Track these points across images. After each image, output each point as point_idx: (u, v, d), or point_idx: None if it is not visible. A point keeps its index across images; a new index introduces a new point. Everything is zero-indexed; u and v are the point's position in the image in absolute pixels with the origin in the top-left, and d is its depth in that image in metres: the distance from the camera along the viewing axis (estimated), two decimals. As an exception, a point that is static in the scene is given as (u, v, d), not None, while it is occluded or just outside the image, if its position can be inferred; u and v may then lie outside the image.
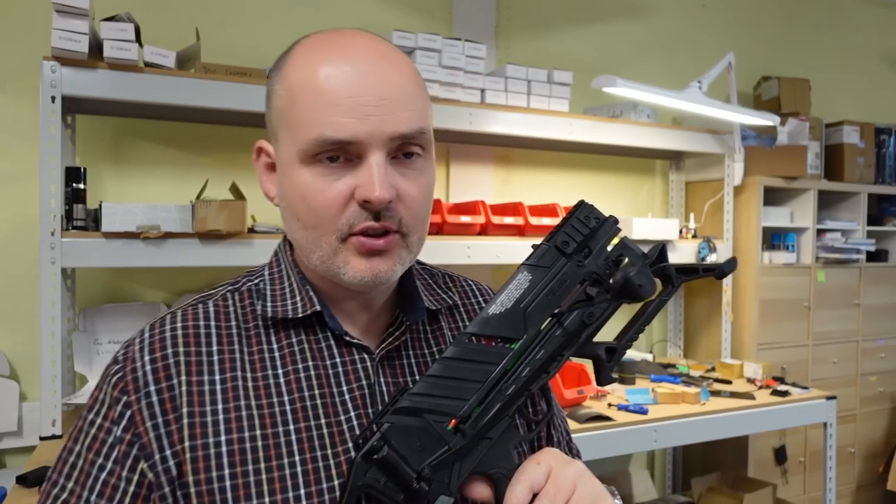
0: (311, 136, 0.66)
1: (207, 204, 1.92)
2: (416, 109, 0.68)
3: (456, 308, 0.84)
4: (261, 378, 0.70)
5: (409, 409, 0.64)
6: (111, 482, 0.65)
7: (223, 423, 0.67)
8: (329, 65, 0.67)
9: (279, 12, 2.45)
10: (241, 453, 0.66)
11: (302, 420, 0.68)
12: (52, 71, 1.78)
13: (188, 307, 0.74)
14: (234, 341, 0.71)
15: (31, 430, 2.04)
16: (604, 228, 0.71)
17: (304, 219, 0.69)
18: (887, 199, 3.74)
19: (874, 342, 3.54)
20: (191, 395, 0.67)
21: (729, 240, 3.05)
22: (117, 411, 0.67)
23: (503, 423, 0.67)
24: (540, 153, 2.93)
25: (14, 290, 2.09)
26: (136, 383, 0.67)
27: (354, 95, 0.65)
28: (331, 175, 0.67)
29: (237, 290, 0.77)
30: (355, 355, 0.73)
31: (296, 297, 0.74)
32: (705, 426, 2.33)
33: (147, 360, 0.68)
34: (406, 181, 0.69)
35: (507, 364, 0.67)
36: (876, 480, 3.57)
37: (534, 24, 2.98)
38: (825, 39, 3.89)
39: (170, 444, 0.65)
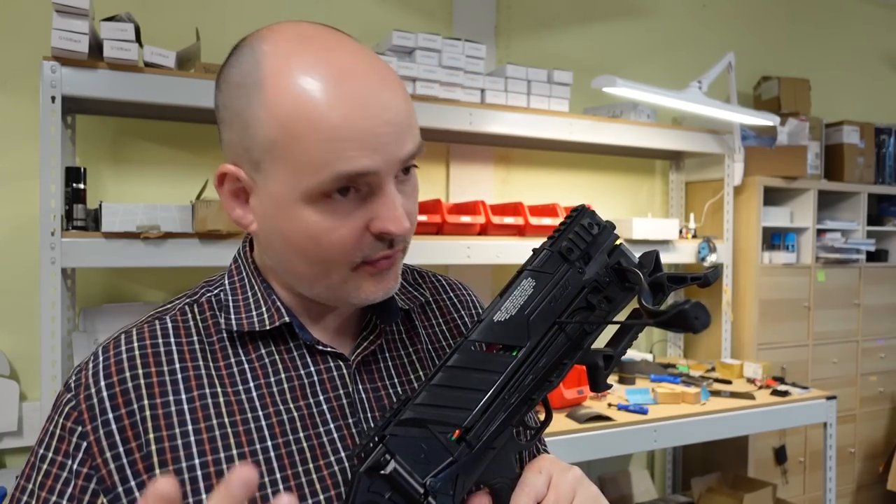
0: (326, 176, 0.60)
1: (207, 204, 1.92)
2: (415, 127, 0.65)
3: (428, 305, 0.81)
4: (231, 393, 0.65)
5: (413, 419, 0.61)
6: None
7: (195, 445, 0.62)
8: (329, 88, 0.60)
9: (279, 12, 2.45)
10: (217, 475, 0.61)
11: (280, 435, 0.64)
12: (52, 71, 1.78)
13: (143, 324, 0.68)
14: (197, 357, 0.66)
15: (31, 430, 2.04)
16: (603, 235, 0.70)
17: (312, 256, 0.64)
18: (887, 199, 3.74)
19: (874, 342, 3.55)
20: (156, 420, 0.62)
21: (729, 240, 3.05)
22: (72, 443, 0.62)
23: (507, 433, 0.65)
24: (540, 153, 2.93)
25: (14, 290, 2.09)
26: (92, 411, 0.62)
27: (367, 127, 0.60)
28: (341, 210, 0.62)
29: (196, 302, 0.71)
30: (330, 363, 0.69)
31: (261, 307, 0.69)
32: (705, 426, 2.33)
33: (103, 386, 0.63)
34: (406, 199, 0.65)
35: (511, 372, 0.65)
36: (876, 480, 3.57)
37: (534, 24, 2.98)
38: (825, 39, 3.90)
39: (134, 475, 0.60)
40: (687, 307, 0.60)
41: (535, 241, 2.47)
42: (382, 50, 2.27)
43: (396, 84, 0.64)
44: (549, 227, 2.51)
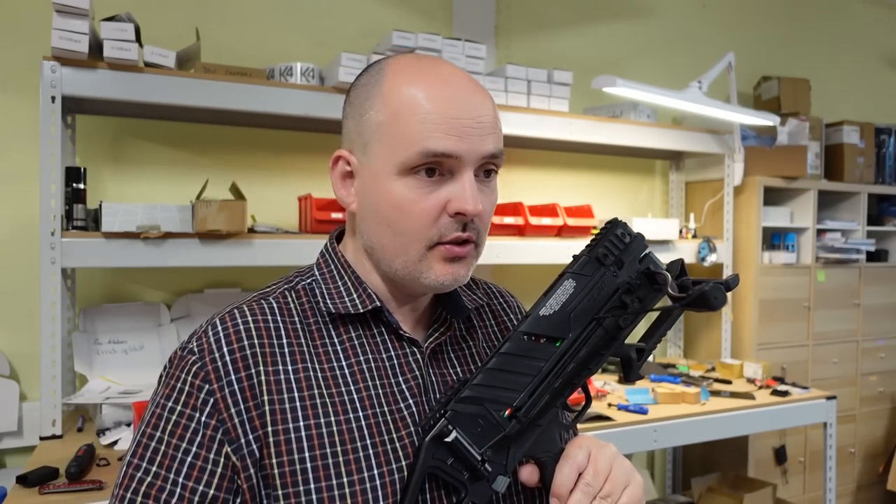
0: (417, 150, 0.73)
1: (207, 204, 1.92)
2: (499, 134, 0.78)
3: (483, 308, 0.93)
4: (328, 369, 0.76)
5: (472, 398, 0.73)
6: (198, 465, 0.69)
7: (300, 410, 0.72)
8: (431, 88, 0.74)
9: (279, 12, 2.45)
10: (318, 438, 0.72)
11: (369, 407, 0.75)
12: (53, 71, 1.78)
13: (252, 302, 0.78)
14: (300, 335, 0.77)
15: (31, 430, 2.04)
16: (634, 243, 0.79)
17: (396, 226, 0.75)
18: (887, 199, 3.74)
19: (874, 342, 3.55)
20: (269, 385, 0.72)
21: (729, 240, 3.05)
22: (200, 398, 0.71)
23: (551, 413, 0.76)
24: (540, 153, 2.93)
25: (14, 290, 2.09)
26: (218, 373, 0.71)
27: (456, 117, 0.73)
28: (426, 188, 0.74)
29: (293, 289, 0.82)
30: (406, 349, 0.80)
31: (352, 294, 0.80)
32: (705, 426, 2.33)
33: (226, 352, 0.73)
34: (484, 197, 0.77)
35: (555, 360, 0.75)
36: (876, 480, 3.57)
37: (534, 24, 2.98)
38: (825, 39, 3.90)
39: (252, 430, 0.70)
40: (707, 288, 0.71)
41: (535, 241, 2.49)
42: (382, 50, 2.27)
43: (487, 96, 0.78)
44: (549, 228, 2.51)
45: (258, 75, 2.08)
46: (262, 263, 2.03)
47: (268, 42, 2.42)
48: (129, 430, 1.77)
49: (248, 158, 2.39)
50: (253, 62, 2.25)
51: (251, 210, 2.20)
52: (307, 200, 2.22)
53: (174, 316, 2.22)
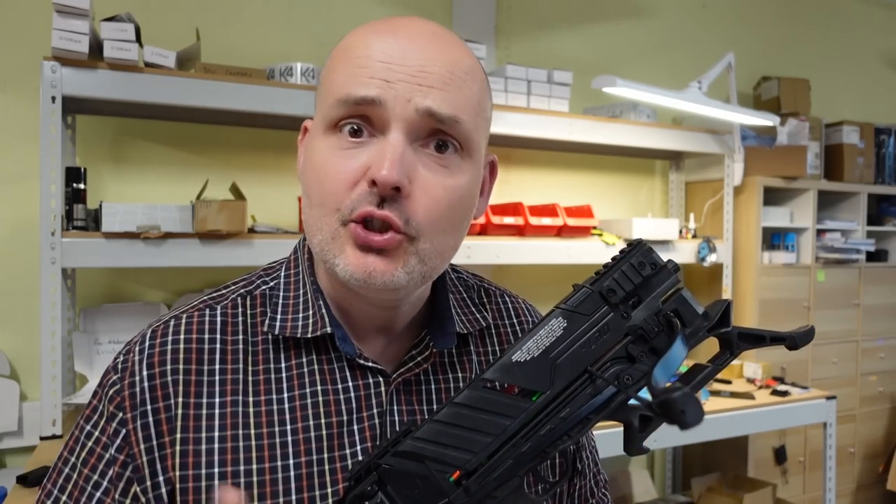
0: (338, 96, 0.61)
1: (207, 204, 1.92)
2: (456, 93, 0.61)
3: (487, 330, 0.76)
4: (264, 403, 0.64)
5: (411, 453, 0.58)
6: (105, 501, 0.61)
7: (217, 452, 0.61)
8: (373, 36, 0.63)
9: (279, 12, 2.45)
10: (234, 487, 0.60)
11: (304, 454, 0.63)
12: (53, 71, 1.78)
13: (194, 311, 0.67)
14: (238, 360, 0.65)
15: (31, 430, 2.04)
16: (659, 277, 0.62)
17: (313, 195, 0.63)
18: (887, 199, 3.74)
19: (874, 342, 3.55)
20: (186, 420, 0.62)
21: (729, 240, 3.05)
22: (112, 428, 0.62)
23: (512, 483, 0.59)
24: (540, 153, 2.93)
25: (14, 290, 2.09)
26: (133, 399, 0.62)
27: (388, 61, 0.60)
28: (349, 150, 0.61)
29: (250, 294, 0.70)
30: (369, 379, 0.66)
31: (308, 310, 0.67)
32: (705, 426, 2.33)
33: (145, 376, 0.63)
34: (429, 173, 0.61)
35: (526, 419, 0.59)
36: (876, 480, 3.57)
37: (534, 24, 2.98)
38: (825, 39, 3.90)
39: (163, 470, 0.61)
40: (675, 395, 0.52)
41: (534, 241, 2.49)
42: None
43: (456, 52, 0.63)
44: (549, 228, 2.51)
45: (258, 75, 2.08)
46: (262, 263, 2.02)
47: (268, 42, 2.42)
48: (130, 430, 1.77)
49: (248, 158, 2.39)
50: (253, 62, 2.25)
51: (251, 210, 2.20)
52: (307, 200, 2.21)
53: (174, 316, 2.22)
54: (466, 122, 0.62)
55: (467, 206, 0.65)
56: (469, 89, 0.63)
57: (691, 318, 0.62)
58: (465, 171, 0.63)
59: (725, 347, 0.65)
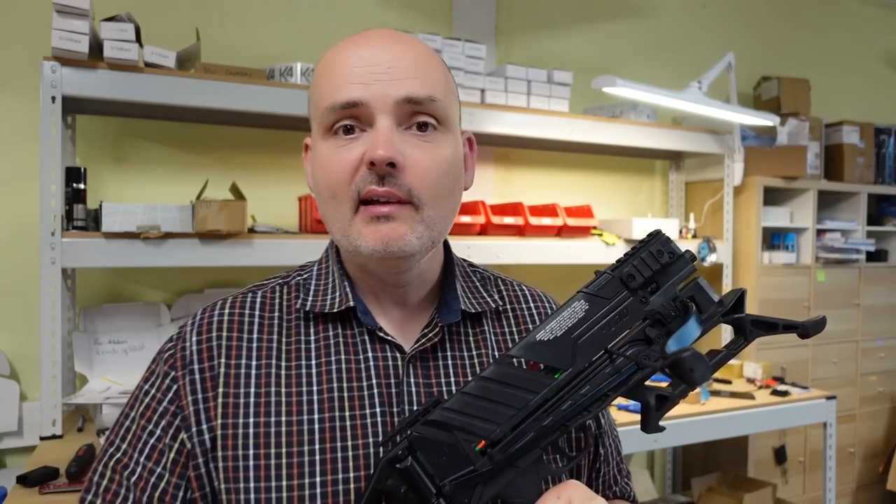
0: (325, 106, 0.71)
1: (207, 204, 1.92)
2: (425, 79, 0.71)
3: (504, 312, 0.84)
4: (294, 367, 0.73)
5: (440, 423, 0.63)
6: (158, 447, 0.71)
7: (252, 406, 0.71)
8: (345, 49, 0.73)
9: (279, 12, 2.45)
10: (265, 436, 0.69)
11: (327, 410, 0.71)
12: (53, 71, 1.78)
13: (239, 295, 0.80)
14: (273, 331, 0.76)
15: (31, 430, 2.04)
16: (677, 265, 0.67)
17: (324, 191, 0.73)
18: (887, 199, 3.74)
19: (874, 342, 3.55)
20: (227, 377, 0.72)
21: (729, 240, 3.05)
22: (165, 384, 0.73)
23: (534, 454, 0.64)
24: (540, 153, 2.93)
25: (14, 290, 2.09)
26: (184, 360, 0.73)
27: (362, 66, 0.70)
28: (346, 145, 0.71)
29: (286, 284, 0.81)
30: (387, 352, 0.75)
31: (335, 292, 0.77)
32: (705, 426, 2.33)
33: (194, 341, 0.74)
34: (416, 150, 0.70)
35: (549, 394, 0.64)
36: (876, 480, 3.57)
37: (534, 24, 2.98)
38: (825, 39, 3.90)
39: (206, 420, 0.70)
40: (685, 356, 0.58)
41: (534, 241, 2.49)
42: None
43: (416, 47, 0.74)
44: (549, 228, 2.51)
45: (258, 75, 2.08)
46: (262, 263, 2.03)
47: (268, 42, 2.42)
48: (130, 430, 1.77)
49: (248, 158, 2.39)
50: (253, 62, 2.25)
51: (251, 210, 2.20)
52: (307, 200, 2.22)
53: (174, 316, 2.22)
54: (441, 99, 0.72)
55: (457, 174, 0.75)
56: (435, 72, 0.74)
57: (707, 304, 0.66)
58: (448, 144, 0.74)
59: (739, 334, 0.68)
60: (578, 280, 0.80)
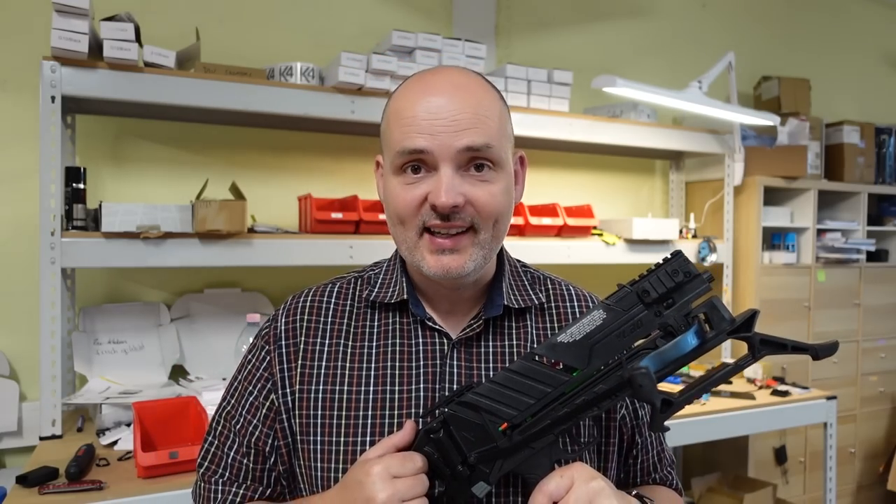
0: (396, 150, 0.83)
1: (207, 204, 1.92)
2: (482, 128, 0.82)
3: (547, 309, 0.95)
4: (357, 347, 0.90)
5: (471, 404, 0.75)
6: (255, 404, 0.91)
7: (322, 376, 0.88)
8: (414, 97, 0.84)
9: (279, 12, 2.45)
10: (330, 401, 0.87)
11: (381, 384, 0.87)
12: (52, 71, 1.78)
13: (322, 285, 0.96)
14: (345, 316, 0.92)
15: (30, 430, 2.04)
16: (692, 284, 0.74)
17: (393, 217, 0.86)
18: (887, 199, 3.74)
19: (874, 342, 3.54)
20: (305, 352, 0.90)
21: (729, 240, 3.05)
22: (261, 356, 0.92)
23: (548, 438, 0.74)
24: (540, 153, 2.93)
25: (14, 290, 2.09)
26: (275, 337, 0.92)
27: (427, 118, 0.82)
28: (413, 183, 0.83)
29: (361, 277, 0.97)
30: (435, 339, 0.89)
31: (395, 286, 0.92)
32: (705, 426, 2.33)
33: (283, 322, 0.93)
34: (474, 188, 0.83)
35: (565, 388, 0.73)
36: (876, 480, 3.57)
37: (534, 24, 2.98)
38: (825, 39, 3.89)
39: (290, 384, 0.89)
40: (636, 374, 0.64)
41: (535, 241, 2.49)
42: (382, 50, 2.27)
43: (471, 96, 0.84)
44: (549, 227, 2.51)
45: (258, 75, 2.08)
46: (262, 263, 2.03)
47: (268, 42, 2.42)
48: (129, 430, 1.77)
49: (248, 158, 2.39)
50: (253, 62, 2.25)
51: (251, 210, 2.20)
52: (307, 200, 2.22)
53: (174, 316, 2.22)
54: (495, 146, 0.84)
55: (508, 202, 0.88)
56: (492, 121, 0.84)
57: (718, 321, 0.73)
58: (501, 180, 0.86)
59: (750, 351, 0.75)
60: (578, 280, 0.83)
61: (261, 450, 0.90)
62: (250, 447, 0.90)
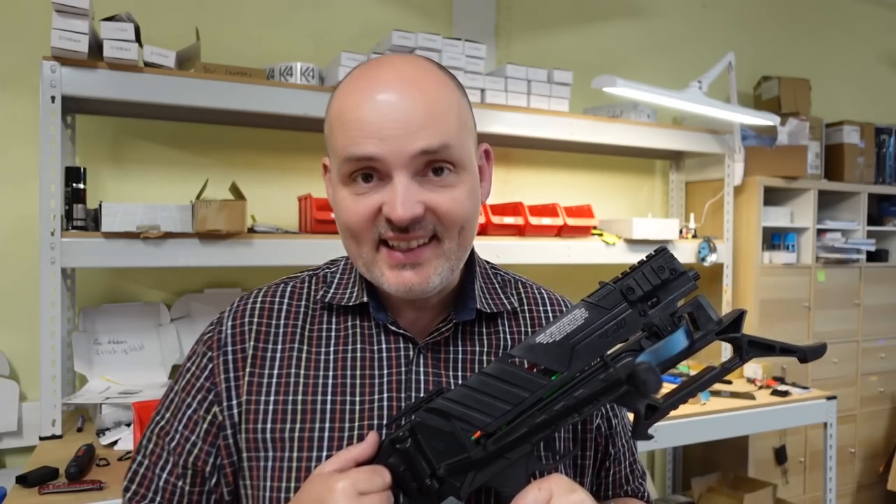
0: (343, 157, 0.73)
1: (207, 204, 1.92)
2: (438, 127, 0.72)
3: (521, 313, 0.88)
4: (314, 353, 0.81)
5: (440, 411, 0.68)
6: (194, 418, 0.80)
7: (274, 385, 0.79)
8: (359, 96, 0.74)
9: (279, 12, 2.45)
10: (282, 413, 0.78)
11: (339, 394, 0.78)
12: (52, 71, 1.78)
13: (273, 284, 0.87)
14: (299, 318, 0.83)
15: (30, 430, 2.04)
16: (678, 282, 0.69)
17: (346, 230, 0.77)
18: (887, 199, 3.74)
19: (874, 342, 3.54)
20: (255, 359, 0.80)
21: (729, 240, 3.05)
22: (203, 363, 0.82)
23: (524, 448, 0.67)
24: (540, 153, 2.93)
25: (14, 290, 2.09)
26: (219, 343, 0.82)
27: (375, 121, 0.72)
28: (364, 193, 0.74)
29: (315, 276, 0.88)
30: (400, 343, 0.81)
31: (354, 287, 0.83)
32: (705, 426, 2.33)
33: (229, 325, 0.83)
34: (435, 195, 0.74)
35: (544, 394, 0.67)
36: (876, 480, 3.57)
37: (534, 24, 2.98)
38: (825, 39, 3.89)
39: (236, 395, 0.79)
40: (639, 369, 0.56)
41: (535, 241, 2.49)
42: (382, 50, 2.27)
43: (429, 92, 0.74)
44: (549, 227, 2.51)
45: (258, 75, 2.08)
46: (262, 263, 2.03)
47: (268, 42, 2.42)
48: (129, 430, 1.77)
49: (248, 158, 2.39)
50: (253, 62, 2.25)
51: (251, 210, 2.20)
52: (307, 200, 2.22)
53: (174, 316, 2.22)
54: (454, 145, 0.74)
55: (474, 206, 0.78)
56: (448, 117, 0.74)
57: (705, 321, 0.69)
58: (464, 182, 0.76)
59: (736, 353, 0.71)
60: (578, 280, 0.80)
61: (200, 470, 0.80)
62: (187, 467, 0.80)
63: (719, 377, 0.71)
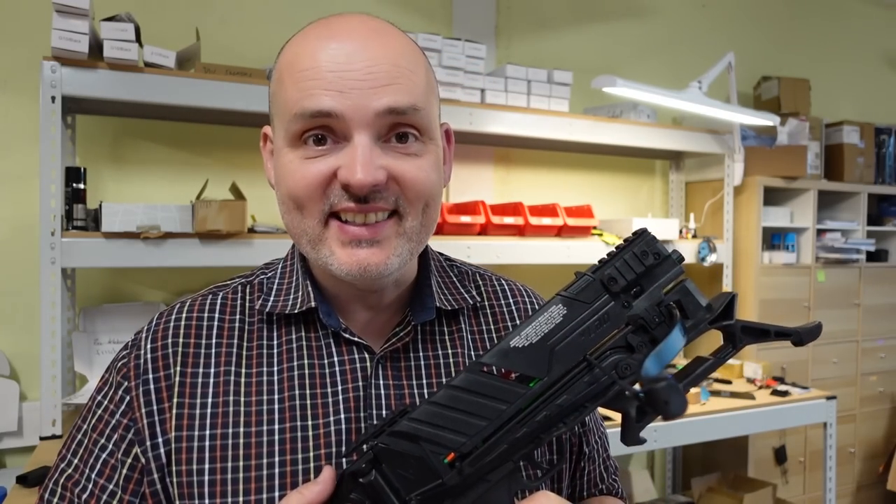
0: (294, 112, 0.63)
1: (207, 204, 1.92)
2: (407, 85, 0.64)
3: (481, 309, 0.79)
4: (255, 374, 0.68)
5: (407, 433, 0.58)
6: (111, 462, 0.67)
7: (209, 417, 0.66)
8: (315, 43, 0.64)
9: (279, 12, 2.45)
10: (222, 449, 0.65)
11: (288, 420, 0.66)
12: (53, 71, 1.78)
13: (199, 297, 0.74)
14: (234, 335, 0.70)
15: (31, 430, 2.04)
16: (663, 267, 0.61)
17: (287, 201, 0.66)
18: (887, 199, 3.74)
19: (874, 342, 3.54)
20: (183, 387, 0.67)
21: (729, 240, 3.05)
22: (118, 396, 0.68)
23: (506, 467, 0.59)
24: (540, 153, 2.93)
25: (14, 290, 2.09)
26: (137, 370, 0.68)
27: (337, 70, 0.62)
28: (317, 157, 0.64)
29: (249, 283, 0.76)
30: (354, 354, 0.70)
31: (298, 292, 0.72)
32: (705, 426, 2.33)
33: (149, 349, 0.69)
34: (399, 162, 0.64)
35: (523, 404, 0.59)
36: (876, 480, 3.57)
37: (534, 24, 2.98)
38: (825, 39, 3.89)
39: (162, 432, 0.66)
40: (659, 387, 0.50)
41: (535, 241, 2.49)
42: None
43: (396, 45, 0.65)
44: (549, 227, 2.51)
45: (258, 75, 2.08)
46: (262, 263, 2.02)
47: (268, 42, 2.42)
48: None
49: (249, 158, 2.39)
50: (253, 62, 2.25)
51: (251, 210, 2.19)
52: (307, 200, 2.21)
53: (174, 316, 2.22)
54: (423, 108, 0.65)
55: (440, 181, 0.69)
56: (417, 74, 0.66)
57: (694, 309, 0.61)
58: (430, 153, 0.67)
59: (728, 341, 0.64)
60: None
61: None
62: None
63: (713, 369, 0.63)
